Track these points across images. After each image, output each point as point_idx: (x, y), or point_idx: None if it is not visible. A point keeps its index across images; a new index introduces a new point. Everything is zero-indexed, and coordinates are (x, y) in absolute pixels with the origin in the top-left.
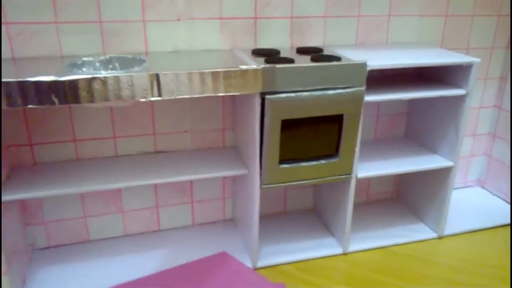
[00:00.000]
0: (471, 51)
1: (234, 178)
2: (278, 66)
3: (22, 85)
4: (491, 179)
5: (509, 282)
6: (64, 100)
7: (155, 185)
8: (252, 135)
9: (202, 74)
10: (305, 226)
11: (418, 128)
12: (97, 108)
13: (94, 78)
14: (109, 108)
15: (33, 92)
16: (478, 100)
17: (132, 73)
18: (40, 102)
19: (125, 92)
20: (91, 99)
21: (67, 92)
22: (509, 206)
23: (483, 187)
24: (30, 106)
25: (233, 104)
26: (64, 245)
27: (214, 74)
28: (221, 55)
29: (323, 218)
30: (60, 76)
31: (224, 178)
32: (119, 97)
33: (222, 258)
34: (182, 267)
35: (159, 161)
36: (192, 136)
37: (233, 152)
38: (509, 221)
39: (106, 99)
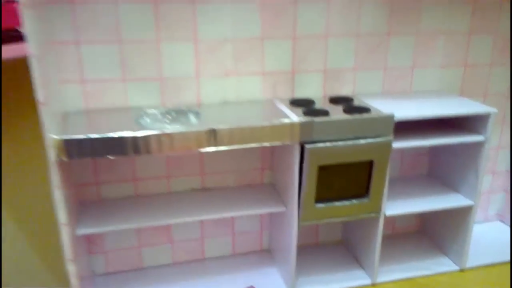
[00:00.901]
0: (488, 97)
1: (271, 214)
2: (315, 119)
3: (104, 140)
4: (510, 213)
5: None
6: (137, 151)
7: (202, 220)
8: (291, 178)
9: (251, 128)
10: (336, 258)
11: (440, 167)
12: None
13: (163, 134)
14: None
15: (112, 146)
16: (497, 141)
17: (194, 129)
18: (122, 153)
19: (188, 144)
20: (160, 150)
21: (140, 146)
22: None
23: (502, 221)
24: (110, 157)
25: (270, 147)
26: (121, 271)
27: (262, 129)
28: (263, 106)
29: (352, 250)
30: (135, 132)
31: (263, 213)
32: (182, 148)
33: None
34: None
35: (206, 197)
36: (234, 175)
37: (270, 189)
38: None
39: (173, 150)
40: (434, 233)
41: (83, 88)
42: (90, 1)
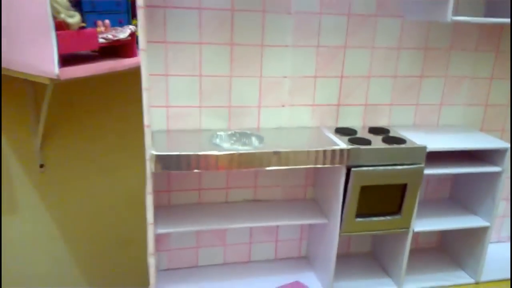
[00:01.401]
0: (505, 132)
1: (310, 225)
2: (361, 147)
3: (192, 157)
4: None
5: None
6: (216, 167)
7: (251, 227)
8: (336, 194)
9: (309, 152)
10: (365, 267)
11: (461, 192)
12: None
13: (236, 154)
14: None
15: (197, 162)
16: (509, 171)
17: (261, 151)
18: (204, 168)
19: (254, 162)
20: (229, 167)
21: (217, 163)
22: None
23: None
24: (196, 170)
25: (315, 167)
26: (180, 268)
27: (317, 152)
28: (312, 132)
29: (380, 261)
30: (215, 151)
31: (303, 224)
32: (250, 166)
33: (297, 285)
34: None
35: (257, 208)
36: (281, 190)
37: (312, 203)
38: None
39: (242, 167)
40: (452, 249)
41: (167, 112)
42: (180, 42)
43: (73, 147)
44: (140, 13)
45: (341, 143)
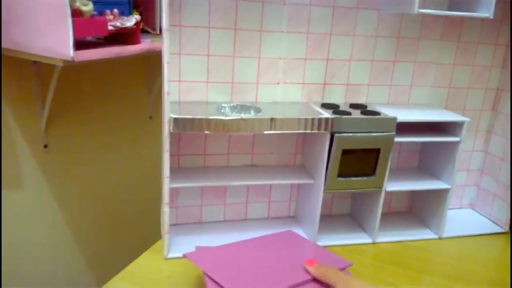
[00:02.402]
0: (466, 111)
1: (299, 187)
2: (343, 117)
3: (204, 121)
4: (479, 203)
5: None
6: (222, 130)
7: (248, 187)
8: (321, 158)
9: (299, 119)
10: (345, 225)
11: (427, 162)
12: (223, 135)
13: (240, 119)
14: (228, 136)
15: (208, 125)
16: (471, 146)
17: (260, 117)
18: (214, 130)
19: (255, 127)
20: (236, 130)
21: (224, 126)
22: (492, 223)
23: (473, 209)
24: (207, 132)
25: (304, 136)
26: (186, 223)
27: (307, 120)
28: (303, 106)
29: (358, 220)
30: (223, 117)
31: (292, 186)
32: (251, 130)
33: (290, 233)
34: (256, 238)
35: (253, 171)
36: (275, 156)
37: (301, 169)
38: (489, 232)
39: (244, 131)
40: (420, 211)
41: (179, 85)
42: (192, 26)
43: (77, 129)
44: (165, 2)
45: (326, 114)
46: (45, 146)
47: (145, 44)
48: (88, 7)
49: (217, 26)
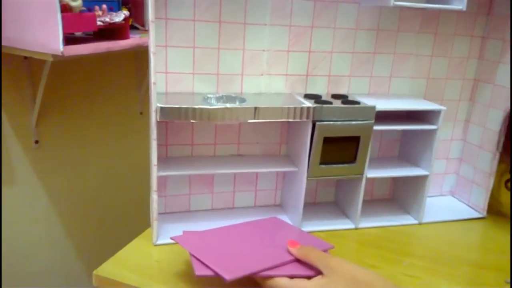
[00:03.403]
0: (444, 101)
1: (284, 175)
2: (324, 106)
3: (190, 110)
4: (458, 190)
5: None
6: (208, 118)
7: (235, 176)
8: (304, 146)
9: (282, 108)
10: (329, 211)
11: (407, 150)
12: (209, 125)
13: (225, 108)
14: (214, 126)
15: (194, 114)
16: (450, 135)
17: (245, 106)
18: (199, 119)
19: (239, 116)
20: (221, 119)
21: (209, 115)
22: (470, 209)
23: (453, 196)
24: (193, 120)
25: (288, 127)
26: (174, 212)
27: (289, 109)
28: (286, 97)
29: (341, 207)
30: (208, 106)
31: (278, 175)
32: (235, 118)
33: (274, 219)
34: (242, 223)
35: (240, 160)
36: (260, 146)
37: (286, 158)
38: (468, 218)
39: (229, 120)
40: (401, 198)
41: (165, 77)
42: (177, 19)
43: (68, 124)
44: None
45: (308, 103)
46: (36, 142)
47: (134, 39)
48: (77, 3)
49: (202, 19)
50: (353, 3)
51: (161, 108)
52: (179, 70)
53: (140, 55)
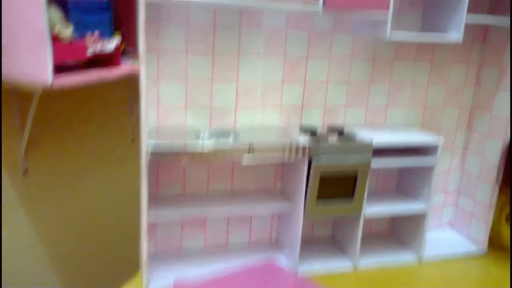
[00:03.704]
0: (442, 130)
1: (280, 214)
2: (320, 144)
3: (182, 147)
4: (458, 223)
5: None
6: (201, 159)
7: (228, 216)
8: (300, 184)
9: (277, 148)
10: (327, 249)
11: (405, 185)
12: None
13: (218, 150)
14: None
15: (186, 153)
16: (447, 165)
17: (237, 147)
18: (192, 159)
19: (234, 155)
20: (214, 161)
21: (202, 157)
22: (470, 243)
23: (452, 229)
24: (184, 160)
25: (283, 163)
26: (166, 250)
27: (284, 148)
28: (281, 131)
29: (339, 243)
30: (202, 145)
31: (273, 213)
32: (230, 158)
33: (269, 266)
34: (236, 272)
35: (233, 198)
36: (255, 182)
37: (281, 195)
38: (466, 252)
39: (221, 160)
40: (400, 234)
41: (157, 110)
42: (169, 53)
43: (58, 153)
44: (140, 26)
45: (303, 140)
46: (25, 171)
47: (125, 67)
48: (68, 32)
49: (195, 51)
50: (348, 34)
51: (152, 152)
52: (172, 103)
53: (132, 80)
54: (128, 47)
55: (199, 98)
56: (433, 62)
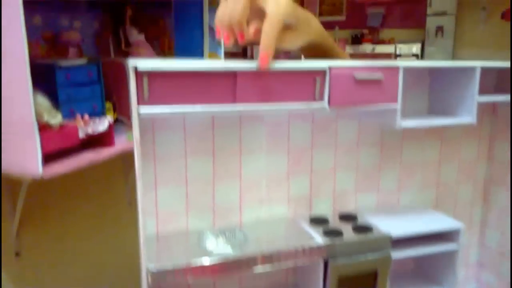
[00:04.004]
0: (457, 207)
1: None
2: (336, 242)
3: (185, 270)
4: None
5: None
6: (210, 274)
7: None
8: (316, 285)
9: (290, 252)
10: None
11: (424, 268)
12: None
13: (223, 263)
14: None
15: (191, 274)
16: (466, 241)
17: (247, 253)
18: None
19: (242, 266)
20: (220, 273)
21: (209, 270)
22: None
23: None
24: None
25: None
26: None
27: (296, 252)
28: (290, 225)
29: None
30: (208, 260)
31: None
32: (238, 269)
33: None
34: None
35: None
36: (265, 284)
37: None
38: None
39: (232, 272)
40: None
41: (156, 217)
42: (166, 158)
43: (50, 235)
44: (135, 137)
45: (317, 236)
46: (17, 254)
47: (119, 145)
48: (57, 120)
49: (194, 152)
50: (353, 120)
51: (153, 276)
52: (171, 209)
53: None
54: (121, 116)
55: (201, 200)
56: (442, 139)
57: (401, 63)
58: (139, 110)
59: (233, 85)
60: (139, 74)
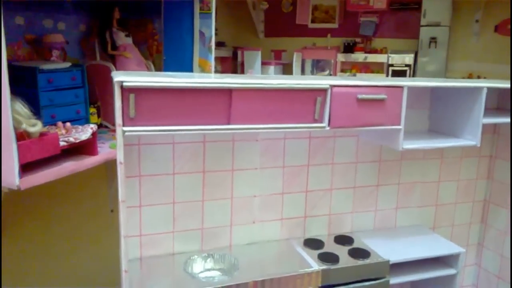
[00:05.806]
0: (455, 227)
1: None
2: (331, 267)
3: None
4: None
5: None
6: None
7: None
8: None
9: (286, 278)
10: None
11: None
12: None
13: None
14: None
15: None
16: (463, 262)
17: (239, 281)
18: None
19: None
20: None
21: None
22: None
23: None
24: None
25: None
26: None
27: (293, 277)
28: (283, 248)
29: None
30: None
31: None
32: None
33: None
34: None
35: None
36: None
37: None
38: None
39: None
40: None
41: (140, 240)
42: (154, 175)
43: (32, 237)
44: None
45: (312, 262)
46: None
47: (102, 154)
48: (36, 128)
49: (183, 171)
50: (352, 137)
51: None
52: (156, 230)
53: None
54: (105, 122)
55: (189, 221)
56: (442, 158)
57: (405, 82)
58: (124, 130)
59: (227, 104)
60: (125, 90)
